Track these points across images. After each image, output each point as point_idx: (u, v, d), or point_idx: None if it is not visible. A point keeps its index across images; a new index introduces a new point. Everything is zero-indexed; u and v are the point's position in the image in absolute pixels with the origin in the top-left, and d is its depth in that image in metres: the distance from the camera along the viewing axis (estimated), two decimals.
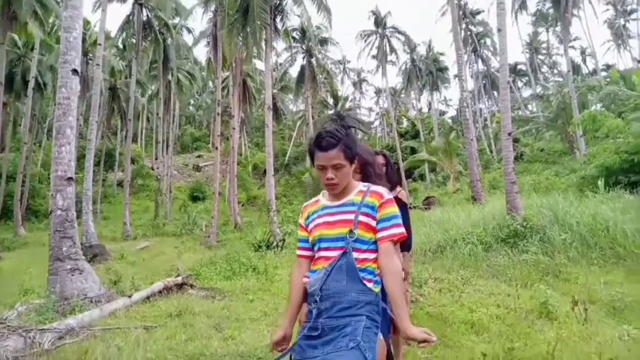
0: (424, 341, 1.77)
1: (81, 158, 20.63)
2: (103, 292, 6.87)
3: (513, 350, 3.67)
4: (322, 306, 1.87)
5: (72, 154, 7.43)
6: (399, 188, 3.48)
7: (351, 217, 1.93)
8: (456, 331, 4.47)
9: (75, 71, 7.61)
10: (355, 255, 1.89)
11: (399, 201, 3.40)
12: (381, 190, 2.02)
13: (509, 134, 10.80)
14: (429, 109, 53.71)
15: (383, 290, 1.91)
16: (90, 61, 26.80)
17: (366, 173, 2.67)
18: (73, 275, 6.77)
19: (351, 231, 1.90)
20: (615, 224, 8.11)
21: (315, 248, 2.00)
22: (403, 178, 34.18)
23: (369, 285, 1.88)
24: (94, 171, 20.66)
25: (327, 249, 1.94)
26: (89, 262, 12.83)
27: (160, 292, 7.59)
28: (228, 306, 6.41)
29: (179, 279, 8.22)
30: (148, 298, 7.13)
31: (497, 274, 7.29)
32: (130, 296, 6.75)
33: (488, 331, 4.50)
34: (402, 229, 1.95)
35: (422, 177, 38.00)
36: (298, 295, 2.04)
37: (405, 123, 53.29)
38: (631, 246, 7.53)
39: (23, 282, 9.05)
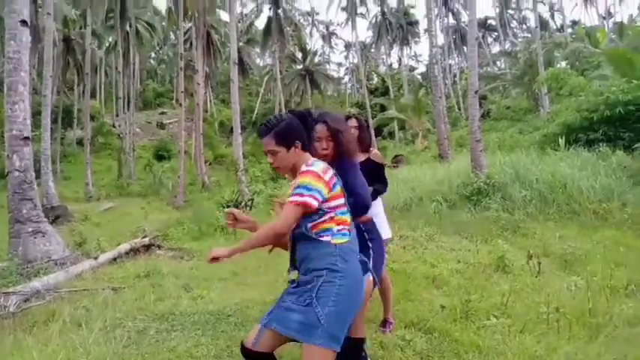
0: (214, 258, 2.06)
1: (36, 115, 19.61)
2: (67, 254, 6.77)
3: (470, 302, 3.88)
4: (292, 275, 2.17)
5: (27, 111, 7.08)
6: (372, 150, 3.50)
7: (292, 198, 2.11)
8: (417, 286, 4.67)
9: (24, 22, 7.11)
10: (308, 224, 2.11)
11: (372, 162, 3.44)
12: (305, 167, 2.14)
13: (476, 92, 10.93)
14: (399, 64, 53.42)
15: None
16: (39, 9, 25.00)
17: (337, 141, 2.69)
18: (35, 238, 6.61)
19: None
20: (572, 181, 8.50)
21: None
22: (373, 136, 34.40)
23: (326, 239, 2.10)
24: (51, 129, 19.76)
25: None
26: (51, 224, 12.51)
27: (127, 253, 7.55)
28: (197, 266, 6.45)
29: (146, 240, 8.18)
30: (114, 259, 7.09)
31: (460, 230, 7.58)
32: (96, 258, 6.69)
33: (448, 284, 4.72)
34: (296, 198, 2.07)
35: (391, 135, 38.26)
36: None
37: (375, 79, 53.02)
38: (585, 202, 7.94)
39: None
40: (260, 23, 41.62)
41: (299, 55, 47.74)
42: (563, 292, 4.32)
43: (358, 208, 2.48)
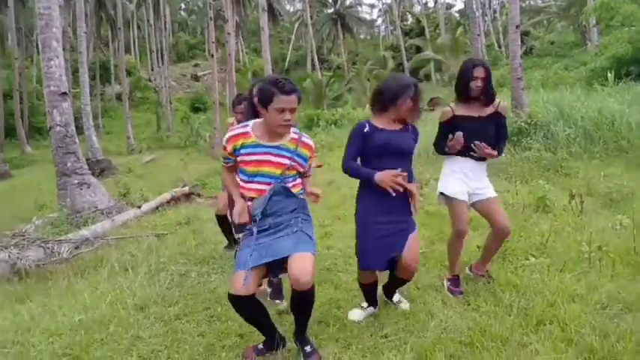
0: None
1: (75, 72, 20.03)
2: (112, 204, 7.09)
3: (507, 242, 3.80)
4: (262, 224, 2.44)
5: (61, 68, 7.22)
6: (497, 100, 3.31)
7: (286, 161, 2.45)
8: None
9: None
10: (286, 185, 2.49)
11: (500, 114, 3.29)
12: (311, 142, 2.57)
13: (517, 27, 10.23)
14: (435, 2, 50.67)
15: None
16: None
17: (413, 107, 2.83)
18: (81, 189, 6.93)
19: (283, 172, 2.45)
20: (621, 117, 8.00)
21: (246, 178, 2.47)
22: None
23: (300, 197, 2.56)
24: (90, 85, 20.26)
25: (260, 182, 2.44)
26: (97, 176, 13.12)
27: (168, 202, 7.85)
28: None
29: (186, 189, 8.43)
30: (157, 208, 7.39)
31: (499, 171, 7.35)
32: (139, 207, 6.99)
33: (484, 226, 4.63)
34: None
35: (427, 77, 36.89)
36: (237, 183, 2.59)
37: (410, 20, 50.58)
38: (634, 138, 7.50)
39: (36, 198, 9.36)
40: None
41: None
42: (606, 231, 4.17)
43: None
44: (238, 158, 2.48)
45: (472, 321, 2.86)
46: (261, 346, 2.59)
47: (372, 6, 66.25)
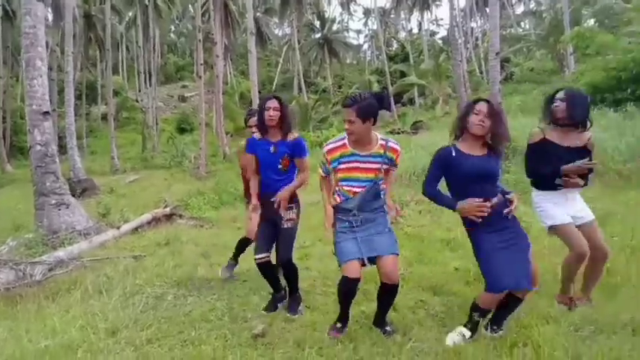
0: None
1: (61, 91, 19.90)
2: (91, 224, 6.98)
3: None
4: (358, 216, 2.94)
5: (45, 87, 7.18)
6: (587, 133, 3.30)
7: (378, 166, 2.95)
8: (432, 249, 4.64)
9: None
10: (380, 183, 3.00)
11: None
12: (396, 146, 3.03)
13: (497, 53, 10.56)
14: (420, 29, 51.89)
15: None
16: None
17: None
18: (59, 209, 6.82)
19: (376, 176, 2.95)
20: (597, 142, 8.16)
21: (343, 183, 2.99)
22: (392, 103, 33.81)
23: (383, 197, 3.05)
24: (76, 105, 20.10)
25: (356, 186, 2.95)
26: (79, 196, 12.97)
27: (149, 222, 7.74)
28: (216, 234, 6.57)
29: (167, 210, 8.35)
30: (136, 229, 7.28)
31: None
32: (118, 227, 6.88)
33: (463, 247, 4.67)
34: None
35: (411, 101, 37.52)
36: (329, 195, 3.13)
37: (395, 45, 51.67)
38: (609, 162, 7.69)
39: (14, 218, 9.17)
40: None
41: (317, 23, 46.79)
42: None
43: None
44: (334, 167, 3.00)
45: None
46: (339, 324, 3.06)
47: (358, 31, 67.69)
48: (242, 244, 4.49)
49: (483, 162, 2.81)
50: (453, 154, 2.83)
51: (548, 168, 3.24)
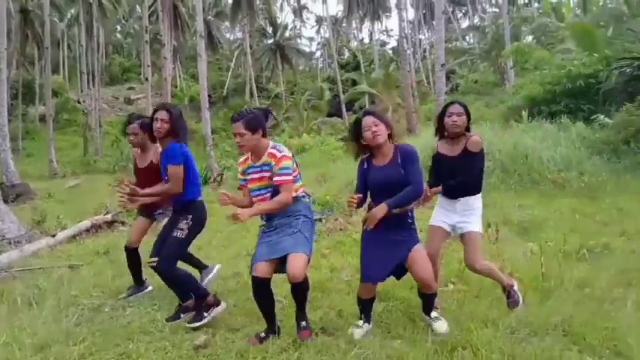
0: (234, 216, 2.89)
1: None
2: (23, 232, 6.55)
3: None
4: (271, 222, 3.12)
5: None
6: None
7: (268, 174, 3.08)
8: None
9: None
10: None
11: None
12: (274, 151, 3.10)
13: (443, 65, 10.96)
14: (371, 39, 52.94)
15: None
16: None
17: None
18: None
19: (268, 184, 3.10)
20: (534, 152, 8.67)
21: (252, 194, 3.18)
22: (343, 110, 34.26)
23: (303, 200, 3.19)
24: (11, 104, 18.89)
25: (257, 195, 3.14)
26: (12, 202, 12.17)
27: (89, 230, 7.37)
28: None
29: (108, 216, 7.98)
30: (74, 237, 6.91)
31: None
32: (53, 235, 6.50)
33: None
34: (288, 178, 3.06)
35: (362, 109, 38.17)
36: (247, 201, 3.26)
37: (347, 54, 52.47)
38: (545, 172, 8.14)
39: None
40: None
41: (269, 29, 46.69)
42: (518, 258, 4.44)
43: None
44: (246, 178, 3.22)
45: (391, 349, 2.90)
46: (262, 334, 3.07)
47: (311, 39, 67.89)
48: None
49: (385, 172, 3.07)
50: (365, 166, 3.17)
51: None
